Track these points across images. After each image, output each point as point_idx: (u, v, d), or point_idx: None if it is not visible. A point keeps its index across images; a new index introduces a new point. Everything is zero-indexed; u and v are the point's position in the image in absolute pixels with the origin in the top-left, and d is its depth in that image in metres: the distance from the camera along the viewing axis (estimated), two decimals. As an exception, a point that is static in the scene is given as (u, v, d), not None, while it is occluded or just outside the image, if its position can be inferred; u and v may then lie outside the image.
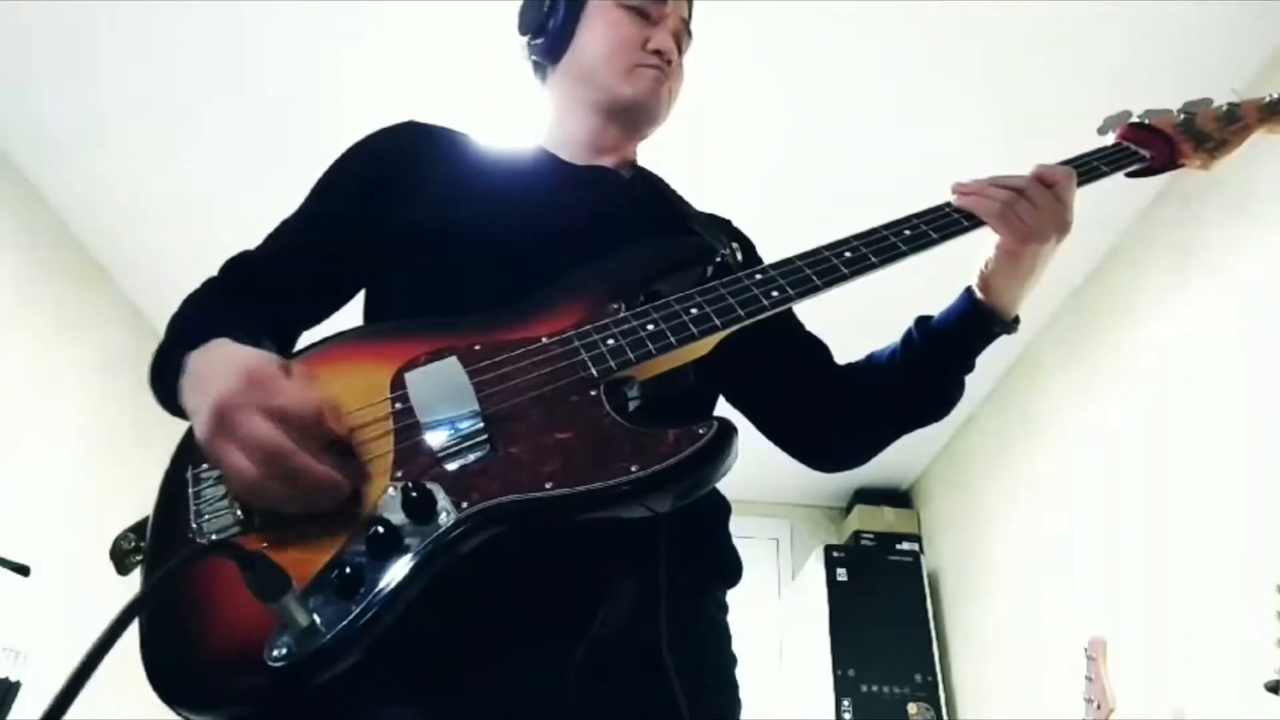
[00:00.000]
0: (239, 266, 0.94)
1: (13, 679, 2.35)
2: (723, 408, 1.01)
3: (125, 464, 3.00)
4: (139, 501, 0.73)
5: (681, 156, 1.19)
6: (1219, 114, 1.07)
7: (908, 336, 0.99)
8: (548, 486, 0.65)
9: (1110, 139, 1.06)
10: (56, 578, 2.52)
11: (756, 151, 2.54)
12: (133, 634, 0.59)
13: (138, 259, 3.05)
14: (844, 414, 1.02)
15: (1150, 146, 1.04)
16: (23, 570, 2.01)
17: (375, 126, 1.04)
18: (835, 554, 3.63)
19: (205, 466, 0.69)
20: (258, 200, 2.73)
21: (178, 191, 2.77)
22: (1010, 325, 0.96)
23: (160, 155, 2.64)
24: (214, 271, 0.95)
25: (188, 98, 2.46)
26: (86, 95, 2.46)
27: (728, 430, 0.69)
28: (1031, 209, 0.90)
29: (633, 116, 1.04)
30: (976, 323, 0.95)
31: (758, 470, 1.38)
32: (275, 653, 0.57)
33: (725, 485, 0.82)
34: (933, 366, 0.97)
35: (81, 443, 2.92)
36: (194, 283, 0.93)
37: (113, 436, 3.02)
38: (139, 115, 2.51)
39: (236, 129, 2.55)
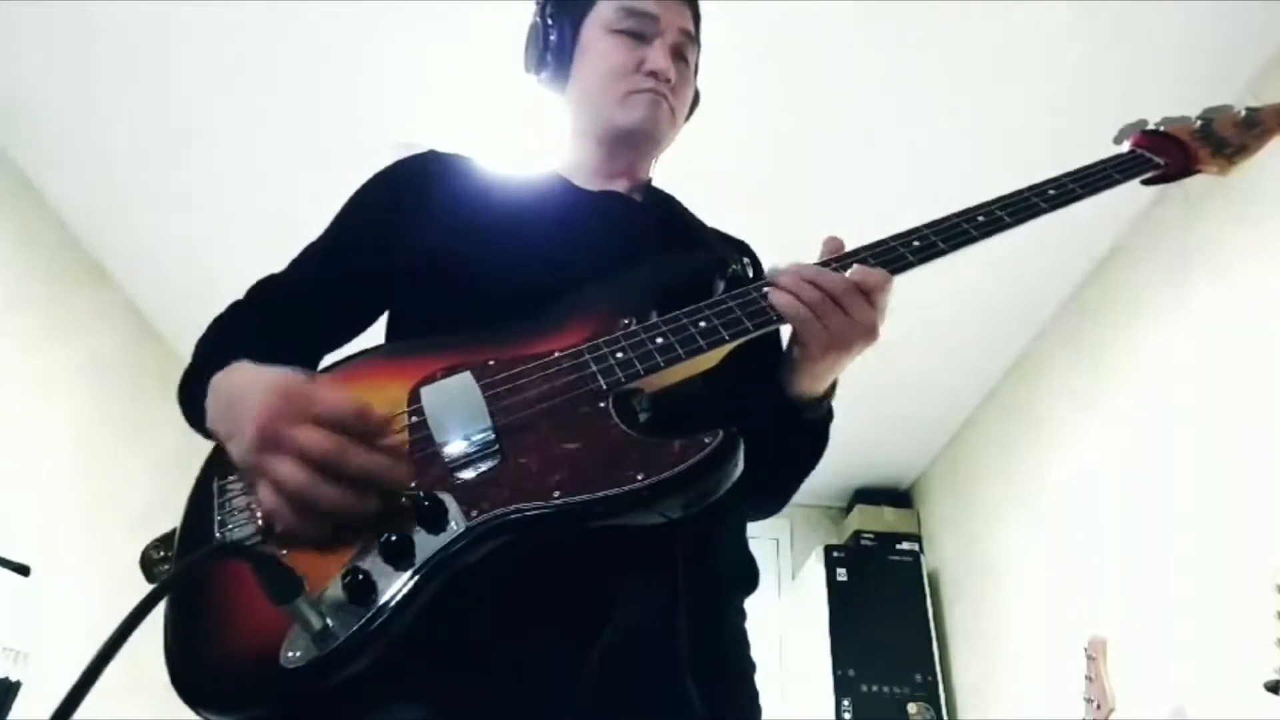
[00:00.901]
0: (264, 290, 0.97)
1: (13, 679, 2.35)
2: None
3: (124, 463, 3.00)
4: (138, 500, 0.75)
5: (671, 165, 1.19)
6: (1238, 119, 1.06)
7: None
8: (555, 495, 0.67)
9: (1125, 147, 1.06)
10: (56, 578, 2.52)
11: (742, 157, 2.55)
12: (151, 642, 0.62)
13: (137, 259, 3.05)
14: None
15: (1165, 153, 1.03)
16: (23, 570, 2.01)
17: (379, 129, 1.05)
18: (835, 554, 3.64)
19: (231, 479, 0.72)
20: (258, 201, 2.74)
21: (178, 191, 2.76)
22: (818, 406, 0.91)
23: (160, 155, 2.64)
24: (214, 273, 0.97)
25: (189, 98, 2.46)
26: (87, 95, 2.46)
27: (733, 439, 0.70)
28: (843, 322, 0.82)
29: (633, 143, 1.05)
30: (782, 409, 0.90)
31: (758, 470, 1.38)
32: (290, 655, 0.59)
33: (726, 486, 0.81)
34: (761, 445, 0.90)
35: (81, 442, 2.91)
36: (193, 283, 0.94)
37: (112, 436, 3.02)
38: (139, 115, 2.51)
39: (237, 129, 2.55)
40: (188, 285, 3.01)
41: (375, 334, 0.99)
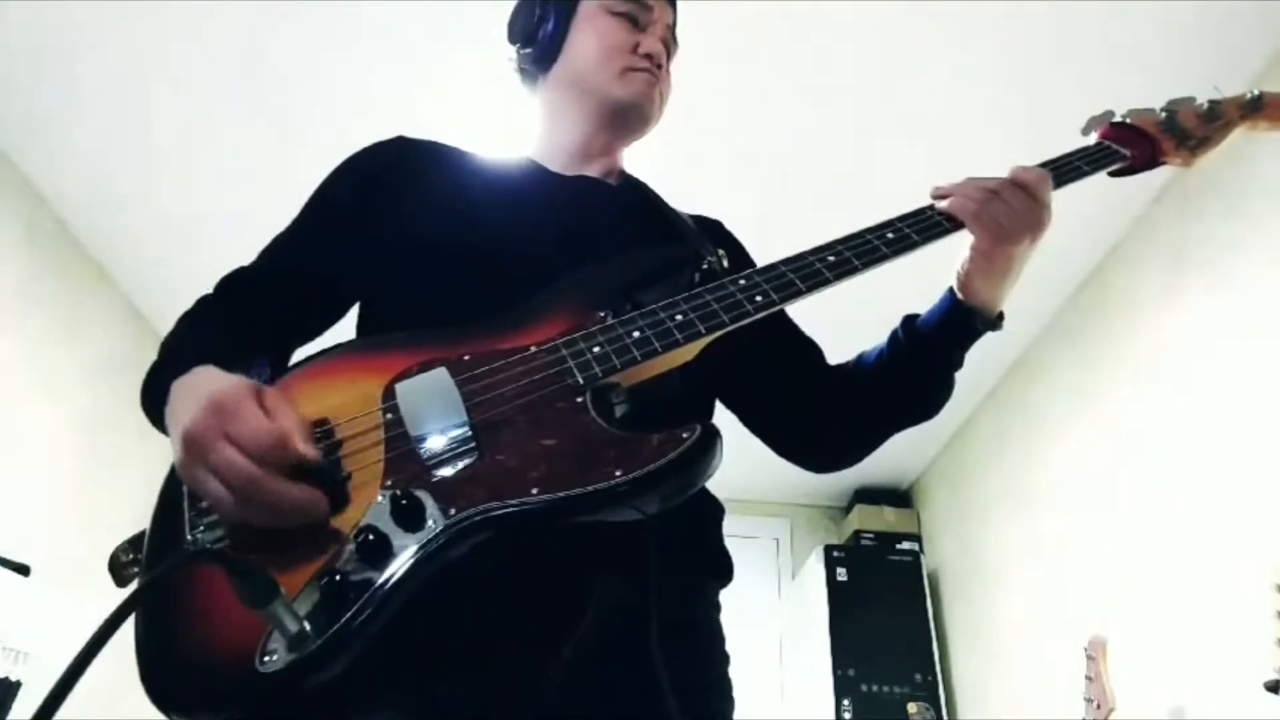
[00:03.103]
0: (233, 283, 0.96)
1: (13, 679, 2.36)
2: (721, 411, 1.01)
3: (126, 464, 3.00)
4: (139, 501, 0.74)
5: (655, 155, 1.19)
6: (1200, 112, 1.08)
7: (894, 336, 0.99)
8: (533, 492, 0.66)
9: (1093, 138, 1.07)
10: (56, 578, 2.52)
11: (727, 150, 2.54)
12: (129, 641, 0.61)
13: (138, 259, 3.05)
14: (834, 414, 1.03)
15: (1132, 145, 1.05)
16: (23, 570, 2.01)
17: (377, 133, 1.05)
18: (835, 553, 3.64)
19: None
20: (259, 202, 2.74)
21: (179, 191, 2.77)
22: (994, 323, 0.96)
23: (162, 156, 2.65)
24: (215, 274, 0.96)
25: (190, 98, 2.46)
26: (88, 95, 2.46)
27: (711, 434, 0.69)
28: (1007, 209, 0.91)
29: (625, 119, 1.05)
30: (959, 322, 0.95)
31: (758, 470, 1.38)
32: (266, 659, 0.58)
33: (726, 485, 0.82)
34: (918, 365, 0.97)
35: (82, 443, 2.92)
36: (194, 283, 0.94)
37: (113, 436, 3.02)
38: (141, 116, 2.52)
39: (239, 130, 2.55)
40: (188, 287, 3.00)
41: (348, 324, 0.98)
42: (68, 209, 2.87)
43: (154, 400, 0.80)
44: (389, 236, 0.93)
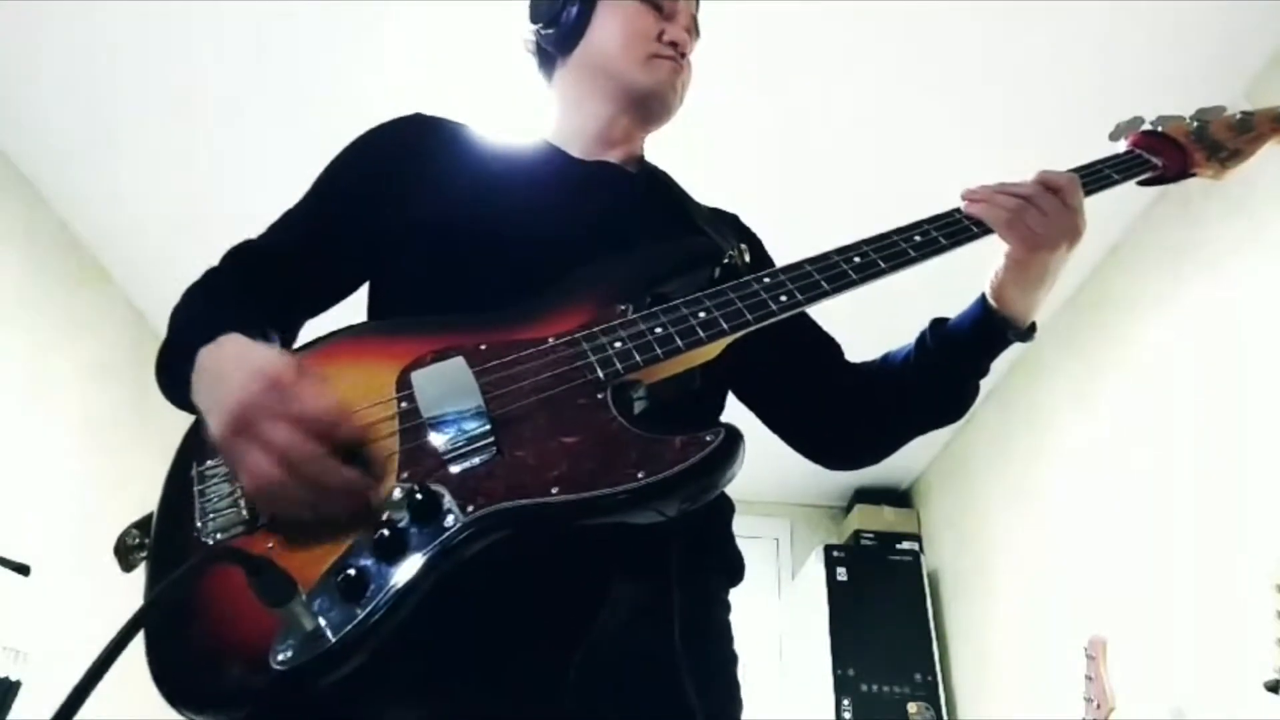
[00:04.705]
0: (241, 256, 0.94)
1: (13, 678, 2.35)
2: (732, 404, 1.01)
3: (125, 463, 3.00)
4: (139, 500, 0.73)
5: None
6: (1232, 123, 1.05)
7: (921, 339, 0.98)
8: (554, 492, 0.65)
9: (1122, 145, 1.04)
10: (56, 578, 2.52)
11: (743, 151, 2.54)
12: (139, 636, 0.59)
13: (138, 259, 3.05)
14: (856, 413, 1.02)
15: (1162, 154, 1.02)
16: (23, 570, 2.01)
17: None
18: (835, 553, 3.64)
19: (210, 464, 0.69)
20: (261, 202, 2.72)
21: (179, 192, 2.76)
22: (1026, 333, 0.95)
23: (162, 155, 2.64)
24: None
25: (190, 97, 2.46)
26: (89, 95, 2.46)
27: (734, 437, 0.68)
28: (1040, 217, 0.89)
29: (647, 106, 1.04)
30: (990, 330, 0.94)
31: (758, 470, 1.37)
32: (280, 656, 0.57)
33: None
34: (944, 370, 0.97)
35: (81, 443, 2.92)
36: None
37: (112, 436, 3.02)
38: (141, 115, 2.51)
39: (239, 129, 2.55)
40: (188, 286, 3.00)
41: (354, 302, 0.97)
42: (68, 209, 2.86)
43: (170, 373, 0.78)
44: (400, 216, 0.91)
